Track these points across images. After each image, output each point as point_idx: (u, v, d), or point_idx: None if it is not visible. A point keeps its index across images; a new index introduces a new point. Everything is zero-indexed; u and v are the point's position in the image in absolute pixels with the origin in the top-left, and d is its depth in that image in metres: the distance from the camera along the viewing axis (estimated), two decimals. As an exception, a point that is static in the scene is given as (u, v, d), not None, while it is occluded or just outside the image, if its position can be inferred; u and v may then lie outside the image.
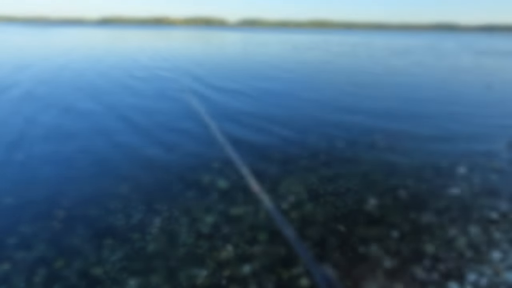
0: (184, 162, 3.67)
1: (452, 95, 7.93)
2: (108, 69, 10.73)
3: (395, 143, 4.44)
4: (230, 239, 2.38)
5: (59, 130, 4.64)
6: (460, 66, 14.47)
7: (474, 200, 3.00)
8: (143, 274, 2.04)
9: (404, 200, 2.99)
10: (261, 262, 2.16)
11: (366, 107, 6.49)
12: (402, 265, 2.16)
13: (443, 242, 2.40)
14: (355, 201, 2.94)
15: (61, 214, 2.64)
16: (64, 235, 2.38)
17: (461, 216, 2.75)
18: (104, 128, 4.81)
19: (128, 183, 3.17)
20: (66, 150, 3.93)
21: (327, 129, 5.01)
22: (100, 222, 2.55)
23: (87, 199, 2.87)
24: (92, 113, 5.63)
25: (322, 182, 3.29)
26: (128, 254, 2.21)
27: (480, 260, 2.22)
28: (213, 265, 2.13)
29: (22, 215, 2.61)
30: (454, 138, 4.73)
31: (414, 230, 2.55)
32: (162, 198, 2.91)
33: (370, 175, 3.47)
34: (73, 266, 2.09)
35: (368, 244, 2.36)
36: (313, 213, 2.74)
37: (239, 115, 5.69)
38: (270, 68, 12.00)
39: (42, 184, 3.11)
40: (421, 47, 29.28)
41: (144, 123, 5.09)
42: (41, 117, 5.25)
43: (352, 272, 2.10)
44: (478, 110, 6.47)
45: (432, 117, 5.81)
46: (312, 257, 2.00)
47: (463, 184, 3.31)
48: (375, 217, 2.70)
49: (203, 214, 2.68)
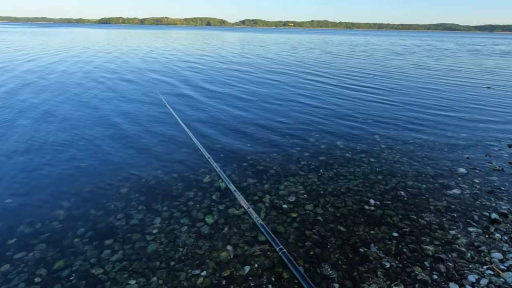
0: (185, 163, 3.67)
1: (452, 95, 7.92)
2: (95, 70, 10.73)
3: (395, 144, 4.43)
4: (230, 240, 2.38)
5: (62, 127, 4.64)
6: (458, 65, 14.46)
7: (475, 201, 3.00)
8: (144, 275, 2.04)
9: (404, 200, 2.98)
10: (260, 262, 2.16)
11: (365, 107, 6.48)
12: (402, 265, 2.16)
13: (443, 243, 2.40)
14: (355, 201, 2.94)
15: (61, 214, 2.64)
16: (64, 236, 2.38)
17: (461, 216, 2.75)
18: (103, 128, 4.81)
19: (128, 183, 3.17)
20: (65, 151, 3.93)
21: (327, 129, 5.01)
22: (100, 222, 2.55)
23: (87, 199, 2.87)
24: (84, 116, 5.63)
25: (322, 182, 3.29)
26: (128, 254, 2.21)
27: (480, 261, 2.21)
28: (213, 266, 2.13)
29: (22, 216, 2.61)
30: (454, 138, 4.72)
31: (414, 230, 2.54)
32: (162, 199, 2.91)
33: (370, 175, 3.47)
34: (73, 266, 2.09)
35: (368, 245, 2.36)
36: (313, 213, 2.74)
37: (239, 116, 5.69)
38: (265, 71, 12.00)
39: (42, 185, 3.11)
40: (420, 46, 29.26)
41: (142, 124, 5.09)
42: (43, 118, 5.25)
43: (352, 272, 2.09)
44: (478, 110, 6.46)
45: (433, 118, 5.80)
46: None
47: (463, 184, 3.31)
48: (375, 218, 2.70)
49: (203, 215, 2.68)
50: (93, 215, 2.64)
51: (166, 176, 3.34)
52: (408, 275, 2.08)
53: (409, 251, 2.30)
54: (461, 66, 14.42)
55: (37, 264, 2.10)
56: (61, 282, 1.97)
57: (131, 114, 5.57)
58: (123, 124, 5.00)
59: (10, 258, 2.15)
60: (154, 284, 1.97)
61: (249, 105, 6.37)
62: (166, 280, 2.01)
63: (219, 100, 6.74)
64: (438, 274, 2.09)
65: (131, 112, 5.70)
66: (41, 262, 2.12)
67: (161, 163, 3.65)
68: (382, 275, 2.07)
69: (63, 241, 2.33)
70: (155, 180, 3.25)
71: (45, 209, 2.71)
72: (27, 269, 2.06)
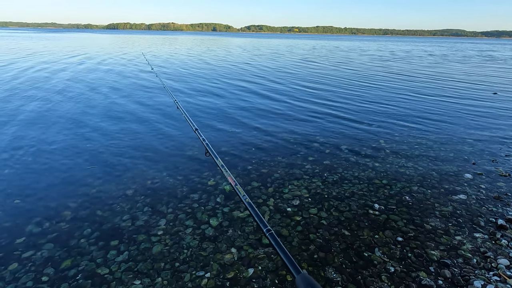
0: (190, 165, 3.70)
1: (459, 100, 7.87)
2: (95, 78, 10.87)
3: (399, 148, 4.42)
4: (235, 242, 2.39)
5: (68, 130, 4.72)
6: (464, 71, 14.37)
7: (481, 206, 2.97)
8: (148, 275, 2.06)
9: (409, 205, 2.97)
10: (264, 265, 2.17)
11: (371, 111, 6.47)
12: (407, 270, 2.15)
13: (448, 248, 2.38)
14: (360, 206, 2.94)
15: (68, 215, 2.68)
16: (71, 236, 2.42)
17: (467, 222, 2.72)
18: (107, 131, 4.88)
19: (134, 185, 3.20)
20: (72, 153, 4.00)
21: (331, 133, 5.01)
22: (106, 223, 2.58)
23: (93, 200, 2.91)
24: (88, 117, 5.71)
25: (326, 186, 3.29)
26: (133, 255, 2.23)
27: (487, 267, 2.19)
28: (217, 268, 2.14)
29: (30, 216, 2.65)
30: (460, 143, 4.69)
31: (419, 235, 2.53)
32: (167, 201, 2.94)
33: (375, 179, 3.46)
34: (80, 266, 2.12)
35: (373, 249, 2.35)
36: (317, 217, 2.74)
37: (244, 120, 5.73)
38: (269, 81, 12.06)
39: (50, 186, 3.16)
40: (430, 52, 29.13)
41: (146, 126, 5.15)
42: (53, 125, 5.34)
43: (356, 276, 2.09)
44: (485, 115, 6.41)
45: (439, 123, 5.77)
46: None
47: (469, 190, 3.28)
48: (380, 222, 2.69)
49: (207, 217, 2.70)
50: (99, 216, 2.68)
51: (171, 178, 3.37)
52: (413, 280, 2.07)
53: (414, 256, 2.29)
54: (467, 71, 14.33)
55: (45, 263, 2.13)
56: (68, 281, 2.00)
57: (137, 115, 5.64)
58: (129, 125, 5.06)
59: (18, 257, 2.19)
60: (159, 284, 1.99)
61: (252, 109, 6.41)
62: (170, 281, 2.02)
63: (224, 104, 6.79)
64: (443, 280, 2.07)
65: (137, 113, 5.77)
66: (49, 261, 2.15)
67: (166, 165, 3.68)
68: (386, 279, 2.06)
69: (70, 241, 2.36)
70: (160, 182, 3.28)
71: (52, 209, 2.76)
72: (34, 268, 2.09)
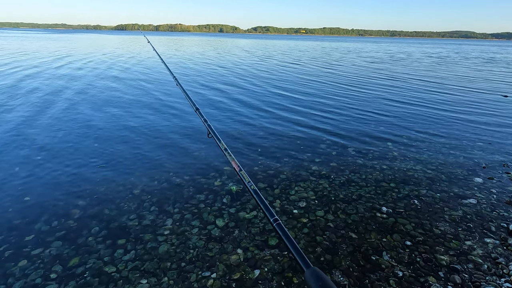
0: (196, 166, 3.72)
1: (469, 103, 7.75)
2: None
3: (407, 151, 4.36)
4: (241, 243, 2.39)
5: (77, 130, 4.78)
6: (474, 74, 14.15)
7: (492, 211, 2.91)
8: (155, 274, 2.07)
9: (418, 209, 2.93)
10: (270, 266, 2.16)
11: (378, 114, 6.42)
12: (415, 275, 2.12)
13: (458, 253, 2.34)
14: (367, 209, 2.91)
15: (76, 213, 2.71)
16: (79, 234, 2.44)
17: (477, 227, 2.67)
18: (116, 130, 4.93)
19: (141, 185, 3.23)
20: (81, 152, 4.05)
21: (338, 135, 4.98)
22: (114, 222, 2.60)
23: (101, 199, 2.94)
24: (97, 117, 5.77)
25: (333, 188, 3.26)
26: (140, 254, 2.24)
27: (498, 273, 2.14)
28: (223, 268, 2.14)
29: (39, 214, 2.69)
30: (470, 147, 4.61)
31: (428, 239, 2.49)
32: (174, 201, 2.95)
33: (383, 182, 3.42)
34: (87, 264, 2.14)
35: (380, 253, 2.32)
36: (324, 219, 2.72)
37: (250, 123, 5.73)
38: (274, 87, 12.04)
39: (58, 185, 3.21)
40: (439, 54, 28.81)
41: (154, 127, 5.19)
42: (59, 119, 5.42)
43: (364, 280, 2.06)
44: (495, 119, 6.30)
45: (448, 126, 5.69)
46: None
47: (480, 194, 3.22)
48: (388, 225, 2.66)
49: (214, 217, 2.70)
50: (107, 214, 2.70)
51: (178, 178, 3.39)
52: (421, 285, 2.04)
53: (422, 260, 2.25)
54: (477, 74, 14.11)
55: (53, 261, 2.16)
56: (75, 279, 2.01)
57: (147, 118, 5.69)
58: (136, 127, 5.11)
59: (27, 254, 2.22)
60: (165, 284, 2.00)
61: (259, 110, 6.41)
62: (176, 281, 2.03)
63: (231, 105, 6.81)
64: (453, 285, 2.03)
65: (147, 116, 5.82)
66: (57, 259, 2.18)
67: (173, 165, 3.70)
68: (394, 284, 2.03)
69: (78, 239, 2.39)
70: (167, 182, 3.30)
71: (61, 208, 2.79)
72: (43, 265, 2.12)
